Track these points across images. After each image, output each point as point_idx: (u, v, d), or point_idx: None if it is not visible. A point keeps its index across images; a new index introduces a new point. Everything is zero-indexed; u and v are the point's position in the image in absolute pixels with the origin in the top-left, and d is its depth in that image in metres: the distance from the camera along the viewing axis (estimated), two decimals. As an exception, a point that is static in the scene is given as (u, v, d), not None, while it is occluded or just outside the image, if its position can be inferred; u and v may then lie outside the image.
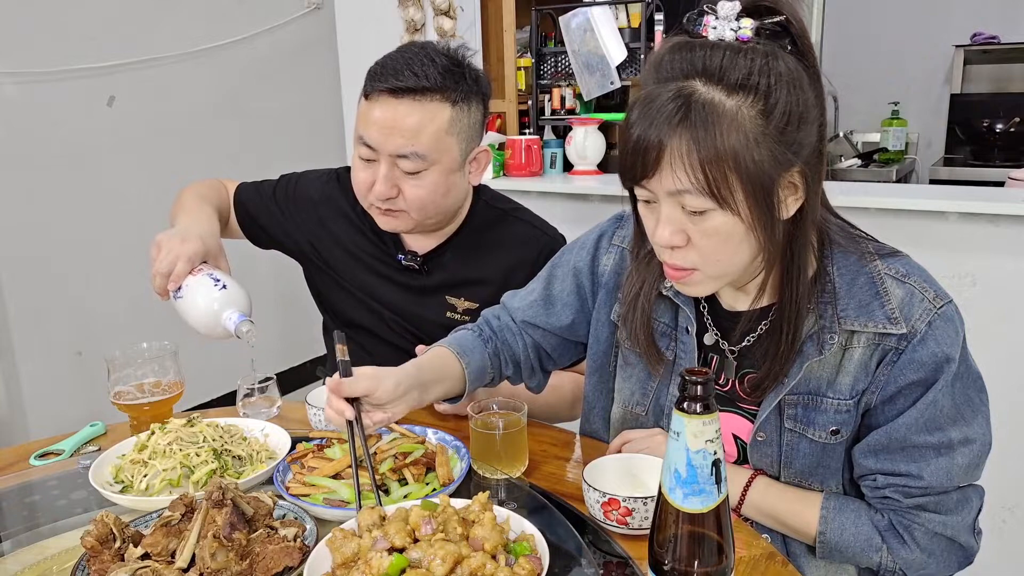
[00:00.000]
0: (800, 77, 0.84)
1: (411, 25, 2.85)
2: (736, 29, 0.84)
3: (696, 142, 0.82)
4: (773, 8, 0.85)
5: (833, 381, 0.97)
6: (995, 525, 2.08)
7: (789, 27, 0.85)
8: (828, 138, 0.90)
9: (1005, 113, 4.04)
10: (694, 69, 0.84)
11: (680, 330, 1.07)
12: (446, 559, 0.76)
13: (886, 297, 0.94)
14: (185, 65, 2.73)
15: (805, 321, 0.95)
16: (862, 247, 0.98)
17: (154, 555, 0.83)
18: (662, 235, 0.89)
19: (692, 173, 0.83)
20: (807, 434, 0.99)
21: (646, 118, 0.84)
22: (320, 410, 1.19)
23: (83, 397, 2.47)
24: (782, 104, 0.83)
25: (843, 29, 4.32)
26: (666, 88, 0.84)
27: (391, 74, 1.29)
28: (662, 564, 0.69)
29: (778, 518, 1.02)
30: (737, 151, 0.82)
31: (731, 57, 0.83)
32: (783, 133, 0.84)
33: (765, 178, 0.84)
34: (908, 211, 2.08)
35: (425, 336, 1.42)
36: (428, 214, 1.37)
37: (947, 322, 0.93)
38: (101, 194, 2.53)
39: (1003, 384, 2.07)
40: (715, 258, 0.90)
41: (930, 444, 0.94)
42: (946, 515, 0.95)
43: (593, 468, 0.99)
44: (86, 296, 2.53)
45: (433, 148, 1.30)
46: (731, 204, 0.84)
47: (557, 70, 3.00)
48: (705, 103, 0.82)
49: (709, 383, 0.65)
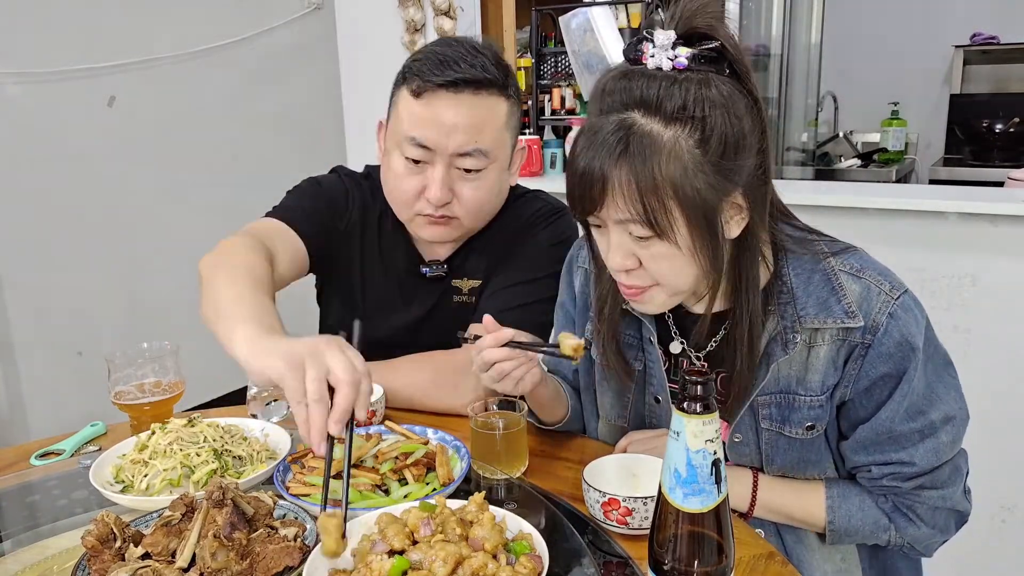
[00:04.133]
0: (735, 103, 0.86)
1: (411, 25, 2.85)
2: (672, 57, 0.86)
3: (635, 174, 0.84)
4: (708, 34, 0.86)
5: (803, 379, 0.99)
6: (995, 525, 2.08)
7: (725, 52, 0.86)
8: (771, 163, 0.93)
9: (1005, 113, 4.04)
10: (633, 100, 0.86)
11: (644, 340, 1.10)
12: (447, 560, 0.76)
13: (842, 292, 0.96)
14: (185, 65, 2.73)
15: (766, 325, 0.98)
16: (814, 248, 1.00)
17: (154, 555, 0.83)
18: (614, 260, 0.93)
19: (632, 204, 0.86)
20: (784, 432, 1.02)
21: (590, 150, 0.87)
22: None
23: (83, 397, 2.46)
24: (718, 133, 0.85)
25: (843, 29, 4.32)
26: (608, 120, 0.87)
27: (447, 67, 1.21)
28: (662, 564, 0.69)
29: (785, 512, 1.04)
30: (676, 181, 0.84)
31: (667, 88, 0.85)
32: (721, 161, 0.86)
33: (705, 205, 0.86)
34: (908, 211, 2.08)
35: (436, 328, 1.38)
36: (482, 218, 1.31)
37: (907, 311, 0.95)
38: (101, 194, 2.53)
39: (1003, 384, 2.07)
40: (666, 279, 0.93)
41: (914, 430, 0.98)
42: (943, 488, 1.00)
43: (593, 468, 0.99)
44: (86, 296, 2.53)
45: (495, 144, 1.25)
46: (669, 233, 0.87)
47: (557, 70, 3.01)
48: (644, 135, 0.84)
49: (709, 383, 0.66)
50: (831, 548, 1.06)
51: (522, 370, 1.03)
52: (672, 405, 0.67)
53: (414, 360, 1.33)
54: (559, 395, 1.18)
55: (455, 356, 1.32)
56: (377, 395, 1.23)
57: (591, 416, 1.23)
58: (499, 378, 1.03)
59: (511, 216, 1.40)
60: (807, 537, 1.06)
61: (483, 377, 1.04)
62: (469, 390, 1.27)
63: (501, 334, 1.03)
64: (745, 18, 3.28)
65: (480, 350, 1.03)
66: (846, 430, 1.02)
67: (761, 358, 0.98)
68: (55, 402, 2.45)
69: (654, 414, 1.13)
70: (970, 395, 1.03)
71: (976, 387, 1.17)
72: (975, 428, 1.04)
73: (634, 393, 1.13)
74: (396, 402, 1.29)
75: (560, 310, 1.24)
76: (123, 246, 2.56)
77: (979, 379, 1.39)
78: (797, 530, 1.06)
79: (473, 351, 1.04)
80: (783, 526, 1.06)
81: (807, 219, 1.05)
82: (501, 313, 1.32)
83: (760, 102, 0.89)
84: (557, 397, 1.17)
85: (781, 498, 1.04)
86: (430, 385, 1.29)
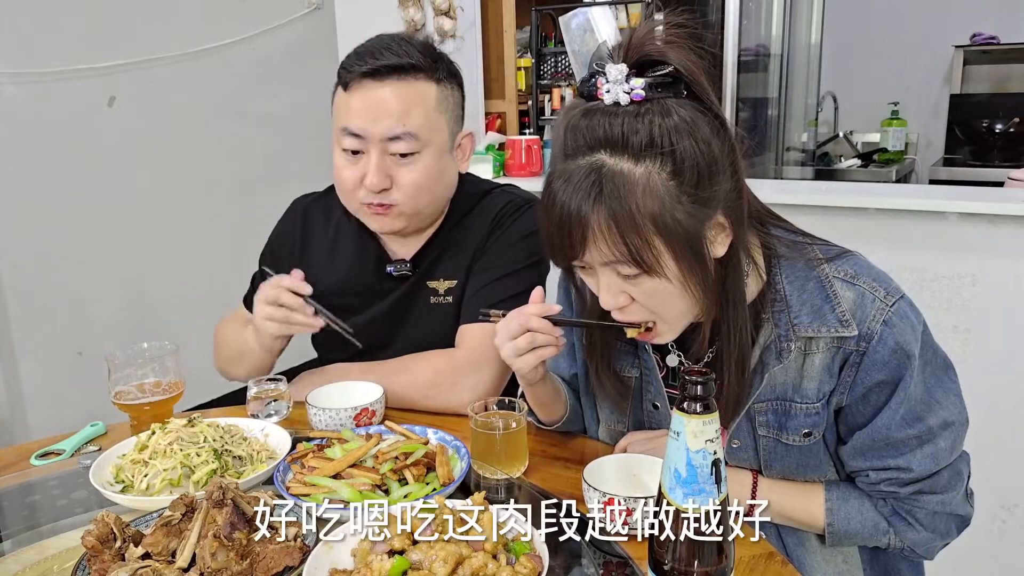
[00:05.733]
0: (699, 126, 0.84)
1: (411, 25, 2.85)
2: (628, 91, 0.84)
3: (614, 215, 0.83)
4: (660, 60, 0.84)
5: (799, 386, 0.98)
6: (995, 525, 2.08)
7: (680, 75, 0.85)
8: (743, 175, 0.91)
9: (1005, 113, 4.04)
10: (597, 140, 0.85)
11: (640, 349, 1.09)
12: (448, 560, 0.76)
13: (836, 300, 0.95)
14: (185, 65, 2.73)
15: (761, 334, 0.97)
16: (807, 253, 0.99)
17: (154, 555, 0.83)
18: (606, 300, 0.92)
19: (616, 246, 0.85)
20: (781, 439, 1.02)
21: (564, 196, 0.86)
22: (321, 410, 1.19)
23: (83, 397, 2.46)
24: (690, 162, 0.84)
25: (843, 29, 4.32)
26: (577, 164, 0.85)
27: (370, 56, 1.25)
28: (662, 564, 0.69)
29: (784, 514, 1.04)
30: (655, 216, 0.84)
31: (630, 123, 0.83)
32: (696, 191, 0.85)
33: (688, 235, 0.86)
34: (908, 211, 2.08)
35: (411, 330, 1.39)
36: (422, 204, 1.32)
37: (902, 319, 0.94)
38: (101, 194, 2.53)
39: (1002, 383, 2.07)
40: (661, 311, 0.92)
41: (912, 436, 0.97)
42: (943, 493, 0.99)
43: (593, 468, 0.99)
44: (86, 296, 2.53)
45: (425, 126, 1.27)
46: (657, 268, 0.86)
47: (557, 70, 3.01)
48: (615, 175, 0.83)
49: (709, 383, 0.66)
50: (832, 550, 1.06)
51: (550, 350, 1.02)
52: (671, 408, 0.67)
53: (413, 360, 1.33)
54: (559, 394, 1.18)
55: (454, 356, 1.32)
56: (376, 395, 1.24)
57: (591, 420, 1.22)
58: (526, 348, 1.01)
59: (480, 213, 1.41)
60: (808, 540, 1.06)
61: (506, 347, 1.02)
62: (468, 390, 1.27)
63: (551, 307, 1.02)
64: (745, 18, 3.28)
65: (520, 315, 1.01)
66: (844, 435, 1.02)
67: (756, 367, 0.98)
68: (55, 402, 2.46)
69: (653, 419, 1.13)
70: (969, 395, 1.02)
71: (976, 387, 1.17)
72: (975, 428, 1.04)
73: (632, 400, 1.13)
74: (395, 402, 1.30)
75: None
76: (123, 246, 2.56)
77: (979, 379, 1.39)
78: (798, 532, 1.06)
79: (508, 318, 1.03)
80: (784, 528, 1.06)
81: (806, 219, 1.05)
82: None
83: (723, 119, 0.88)
84: (557, 396, 1.17)
85: (781, 499, 1.03)
86: (429, 385, 1.29)
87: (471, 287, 1.37)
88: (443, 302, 1.39)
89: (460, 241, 1.40)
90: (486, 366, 1.30)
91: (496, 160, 2.83)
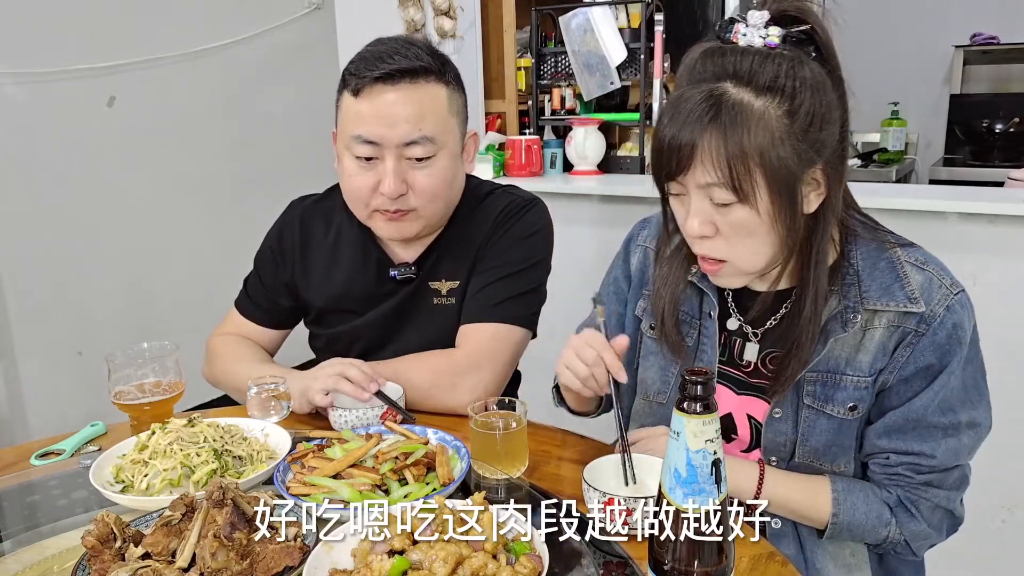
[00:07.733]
0: (824, 82, 0.91)
1: (411, 25, 2.85)
2: (764, 36, 0.91)
3: (724, 139, 0.88)
4: (799, 17, 0.92)
5: (853, 359, 1.01)
6: (995, 525, 2.08)
7: (814, 35, 0.92)
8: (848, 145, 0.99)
9: (1005, 113, 4.04)
10: (725, 72, 0.90)
11: (704, 315, 1.11)
12: (448, 560, 0.76)
13: (906, 280, 0.99)
14: (185, 65, 2.73)
15: (828, 303, 1.00)
16: (881, 237, 1.03)
17: (155, 555, 0.83)
18: (692, 226, 0.95)
19: (719, 168, 0.89)
20: (825, 410, 1.03)
21: (679, 118, 0.90)
22: (345, 411, 1.19)
23: (83, 397, 2.47)
24: (806, 106, 0.89)
25: (843, 29, 4.32)
26: (698, 90, 0.90)
27: (381, 61, 1.22)
28: (662, 564, 0.69)
29: (790, 507, 1.05)
30: (763, 148, 0.88)
31: (760, 61, 0.89)
32: (807, 132, 0.90)
33: (788, 175, 0.90)
34: (908, 211, 2.08)
35: (414, 331, 1.39)
36: (438, 208, 1.31)
37: (963, 308, 0.99)
38: (101, 194, 2.53)
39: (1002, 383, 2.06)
40: (741, 249, 0.95)
41: (942, 425, 1.00)
42: (949, 490, 1.02)
43: (593, 468, 0.99)
44: (86, 296, 2.53)
45: (441, 130, 1.26)
46: (751, 199, 0.90)
47: (557, 70, 3.00)
48: (735, 103, 0.88)
49: (709, 383, 0.66)
50: (839, 544, 1.07)
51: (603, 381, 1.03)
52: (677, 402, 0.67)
53: (413, 360, 1.33)
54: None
55: (454, 356, 1.32)
56: (398, 394, 1.24)
57: (626, 394, 1.22)
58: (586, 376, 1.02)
59: (481, 214, 1.40)
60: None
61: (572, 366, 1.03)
62: (468, 390, 1.27)
63: (625, 342, 1.03)
64: (745, 18, 3.28)
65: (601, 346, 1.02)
66: (874, 416, 1.04)
67: (819, 334, 1.00)
68: (55, 402, 2.46)
69: None
70: (969, 395, 1.03)
71: (976, 387, 1.16)
72: (974, 428, 1.05)
73: (679, 369, 1.14)
74: None
75: (612, 285, 1.24)
76: (123, 246, 2.56)
77: (979, 379, 1.39)
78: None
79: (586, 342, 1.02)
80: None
81: (807, 219, 1.05)
82: (491, 308, 1.33)
83: (845, 85, 0.95)
84: None
85: (787, 491, 1.05)
86: (429, 385, 1.29)
87: (472, 287, 1.37)
88: (446, 303, 1.39)
89: (462, 242, 1.40)
90: (486, 366, 1.30)
91: (496, 160, 2.82)
